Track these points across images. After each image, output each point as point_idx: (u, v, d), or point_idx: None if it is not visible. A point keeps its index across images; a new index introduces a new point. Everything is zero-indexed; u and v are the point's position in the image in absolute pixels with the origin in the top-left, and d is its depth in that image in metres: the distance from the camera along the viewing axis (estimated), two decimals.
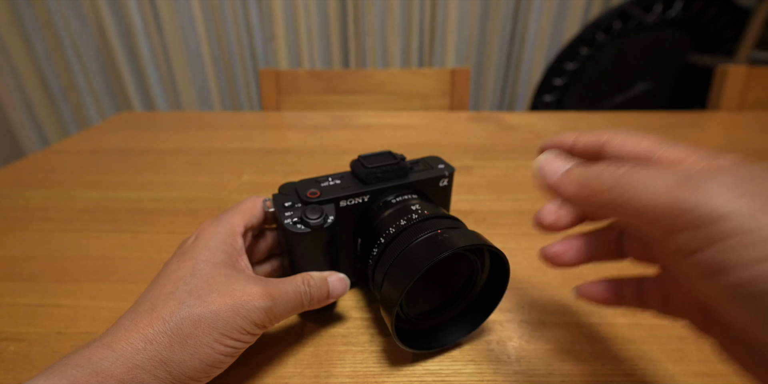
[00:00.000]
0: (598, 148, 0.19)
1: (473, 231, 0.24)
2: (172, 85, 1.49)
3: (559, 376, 0.24)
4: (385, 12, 1.39)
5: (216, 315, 0.21)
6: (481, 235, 0.24)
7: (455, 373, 0.25)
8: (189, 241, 0.25)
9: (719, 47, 1.33)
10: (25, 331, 0.28)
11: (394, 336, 0.23)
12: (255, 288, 0.22)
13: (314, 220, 0.25)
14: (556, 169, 0.18)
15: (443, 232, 0.23)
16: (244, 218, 0.27)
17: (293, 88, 0.86)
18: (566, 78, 1.36)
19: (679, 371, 0.25)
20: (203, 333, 0.20)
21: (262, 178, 0.51)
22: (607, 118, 0.74)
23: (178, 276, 0.22)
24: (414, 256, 0.23)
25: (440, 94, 0.87)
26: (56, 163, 0.55)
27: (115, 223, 0.41)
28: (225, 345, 0.21)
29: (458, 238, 0.23)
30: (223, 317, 0.21)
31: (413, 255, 0.23)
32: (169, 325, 0.20)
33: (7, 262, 0.35)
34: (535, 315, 0.29)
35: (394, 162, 0.28)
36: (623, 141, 0.19)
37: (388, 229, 0.25)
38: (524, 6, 1.40)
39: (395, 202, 0.27)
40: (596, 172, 0.16)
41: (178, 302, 0.21)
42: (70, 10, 1.36)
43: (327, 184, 0.27)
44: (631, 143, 0.18)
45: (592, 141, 0.19)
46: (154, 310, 0.20)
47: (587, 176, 0.17)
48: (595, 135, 0.19)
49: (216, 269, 0.23)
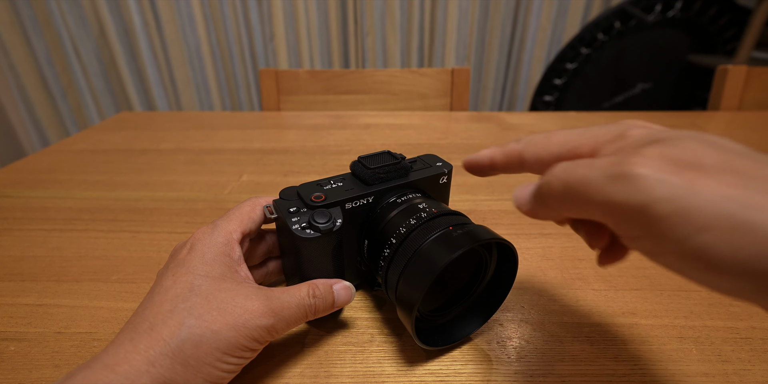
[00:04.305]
0: (518, 161, 0.20)
1: (482, 225, 0.24)
2: (172, 85, 1.49)
3: (559, 376, 0.24)
4: (385, 12, 1.39)
5: (217, 335, 0.20)
6: (490, 229, 0.24)
7: (455, 373, 0.25)
8: (183, 250, 0.24)
9: (719, 47, 1.33)
10: (25, 331, 0.28)
11: (413, 334, 0.23)
12: (257, 304, 0.22)
13: (323, 224, 0.24)
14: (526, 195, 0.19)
15: (455, 228, 0.24)
16: (242, 224, 0.26)
17: (293, 88, 0.86)
18: (566, 78, 1.36)
19: (679, 371, 0.25)
20: (205, 353, 0.20)
21: (262, 178, 0.51)
22: (607, 118, 0.73)
23: (175, 293, 0.22)
24: (430, 254, 0.23)
25: (440, 94, 0.87)
26: (56, 163, 0.55)
27: (115, 223, 0.41)
28: (227, 363, 0.21)
29: (472, 234, 0.23)
30: (225, 337, 0.20)
31: (429, 253, 0.23)
32: (170, 346, 0.19)
33: (7, 262, 0.35)
34: (535, 315, 0.29)
35: (395, 162, 0.28)
36: (534, 152, 0.20)
37: (399, 229, 0.25)
38: (524, 6, 1.40)
39: (401, 201, 0.27)
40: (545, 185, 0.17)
41: (178, 322, 0.20)
42: (70, 10, 1.36)
43: (330, 187, 0.27)
44: (542, 153, 0.19)
45: (508, 156, 0.20)
46: (153, 330, 0.20)
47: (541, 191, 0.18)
48: (508, 150, 0.20)
49: (215, 284, 0.22)
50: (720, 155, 0.14)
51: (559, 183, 0.17)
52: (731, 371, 0.24)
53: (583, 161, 0.16)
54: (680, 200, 0.13)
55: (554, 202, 0.17)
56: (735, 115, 0.75)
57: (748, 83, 0.80)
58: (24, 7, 1.34)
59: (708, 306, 0.29)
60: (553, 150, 0.19)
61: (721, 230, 0.12)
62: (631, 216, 0.14)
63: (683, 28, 1.31)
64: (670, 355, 0.26)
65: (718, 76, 0.80)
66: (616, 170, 0.14)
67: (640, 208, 0.14)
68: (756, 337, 0.27)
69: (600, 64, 1.35)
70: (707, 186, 0.13)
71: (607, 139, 0.17)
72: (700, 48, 1.34)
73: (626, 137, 0.17)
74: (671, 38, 1.33)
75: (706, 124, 0.71)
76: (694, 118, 0.73)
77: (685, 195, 0.13)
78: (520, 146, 0.20)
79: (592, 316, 0.29)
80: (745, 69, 0.78)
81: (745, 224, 0.12)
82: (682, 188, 0.13)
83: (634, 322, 0.28)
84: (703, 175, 0.13)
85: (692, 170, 0.13)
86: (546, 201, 0.18)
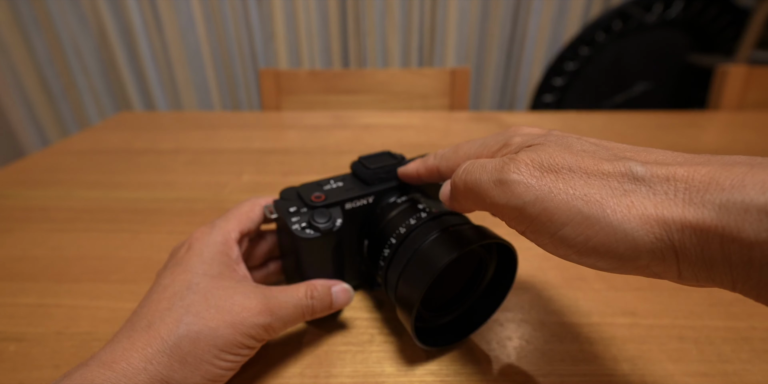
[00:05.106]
0: (437, 173, 0.24)
1: (482, 226, 0.24)
2: (172, 85, 1.49)
3: (558, 376, 0.24)
4: (385, 12, 1.39)
5: (215, 332, 0.20)
6: (490, 230, 0.24)
7: (455, 373, 0.25)
8: (182, 250, 0.24)
9: (719, 47, 1.33)
10: (25, 331, 0.28)
11: (413, 334, 0.23)
12: (254, 303, 0.22)
13: (323, 224, 0.24)
14: (446, 191, 0.22)
15: (454, 229, 0.24)
16: (240, 224, 0.26)
17: (293, 88, 0.86)
18: (566, 78, 1.36)
19: (678, 371, 0.25)
20: (202, 351, 0.20)
21: (262, 178, 0.51)
22: (607, 118, 0.73)
23: (173, 291, 0.22)
24: (430, 255, 0.23)
25: (440, 94, 0.87)
26: (56, 163, 0.55)
27: (115, 223, 0.41)
28: (225, 360, 0.21)
29: (471, 234, 0.23)
30: (222, 334, 0.20)
31: (429, 253, 0.23)
32: (168, 343, 0.19)
33: (7, 262, 0.35)
34: (535, 315, 0.29)
35: (395, 162, 0.28)
36: (447, 166, 0.23)
37: (398, 229, 0.25)
38: (524, 6, 1.40)
39: (401, 202, 0.27)
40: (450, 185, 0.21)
41: (175, 320, 0.20)
42: (70, 10, 1.36)
43: (330, 187, 0.27)
44: (453, 166, 0.23)
45: (429, 170, 0.25)
46: (151, 328, 0.20)
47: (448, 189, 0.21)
48: (428, 165, 0.25)
49: (213, 282, 0.22)
50: (572, 157, 0.16)
51: (462, 183, 0.19)
52: (731, 371, 0.24)
53: (479, 162, 0.19)
54: (544, 202, 0.16)
55: (462, 199, 0.20)
56: (735, 115, 0.75)
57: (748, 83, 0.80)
58: (24, 7, 1.34)
59: (708, 306, 0.29)
60: (460, 162, 0.22)
61: (574, 225, 0.15)
62: (513, 215, 0.17)
63: (683, 28, 1.31)
64: (670, 355, 0.26)
65: (718, 76, 0.80)
66: (498, 176, 0.17)
67: (517, 209, 0.17)
68: (756, 337, 0.27)
69: (600, 64, 1.34)
70: (560, 188, 0.16)
71: (497, 149, 0.21)
72: (700, 48, 1.34)
73: (509, 145, 0.20)
74: (671, 38, 1.33)
75: (706, 124, 0.71)
76: (694, 118, 0.73)
77: (546, 197, 0.16)
78: (437, 161, 0.24)
79: (592, 316, 0.29)
80: (745, 69, 0.78)
81: (589, 218, 0.15)
82: (543, 191, 0.16)
83: (634, 322, 0.28)
84: (558, 177, 0.16)
85: (551, 173, 0.16)
86: (457, 198, 0.21)
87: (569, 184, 0.16)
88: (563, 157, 0.17)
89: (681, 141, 0.62)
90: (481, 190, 0.18)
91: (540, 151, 0.17)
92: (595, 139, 0.18)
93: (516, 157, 0.17)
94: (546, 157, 0.17)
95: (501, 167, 0.17)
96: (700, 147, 0.59)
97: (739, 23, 1.26)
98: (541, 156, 0.17)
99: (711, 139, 0.63)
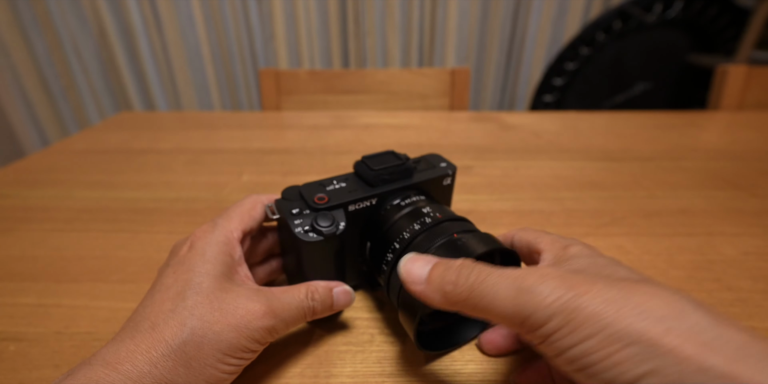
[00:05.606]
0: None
1: (487, 233, 0.24)
2: (172, 85, 1.49)
3: None
4: (385, 12, 1.39)
5: (219, 336, 0.20)
6: (495, 238, 0.24)
7: (455, 373, 0.25)
8: (183, 248, 0.24)
9: (719, 47, 1.33)
10: (25, 331, 0.28)
11: (415, 340, 0.23)
12: (257, 305, 0.22)
13: (326, 227, 0.24)
14: (419, 274, 0.20)
15: (459, 236, 0.23)
16: (242, 223, 0.25)
17: (293, 88, 0.86)
18: (566, 78, 1.36)
19: None
20: (207, 355, 0.20)
21: (262, 178, 0.51)
22: (607, 118, 0.74)
23: (176, 291, 0.21)
24: None
25: (440, 94, 0.87)
26: (56, 163, 0.55)
27: (115, 223, 0.41)
28: (228, 364, 0.21)
29: (476, 243, 0.23)
30: (226, 338, 0.20)
31: None
32: (172, 347, 0.19)
33: (7, 262, 0.35)
34: None
35: (399, 163, 0.27)
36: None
37: (402, 233, 0.25)
38: (524, 6, 1.40)
39: (404, 204, 0.27)
40: (452, 279, 0.19)
41: (180, 322, 0.20)
42: (70, 10, 1.36)
43: (333, 188, 0.27)
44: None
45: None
46: (155, 329, 0.20)
47: (445, 283, 0.19)
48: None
49: (216, 283, 0.22)
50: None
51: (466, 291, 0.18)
52: None
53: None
54: (570, 319, 0.16)
55: (466, 301, 0.18)
56: (735, 115, 0.75)
57: (748, 83, 0.80)
58: (24, 7, 1.34)
59: None
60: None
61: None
62: (533, 326, 0.17)
63: (683, 28, 1.31)
64: None
65: (718, 76, 0.80)
66: (528, 284, 0.17)
67: (541, 322, 0.17)
68: None
69: (600, 64, 1.34)
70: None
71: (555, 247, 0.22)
72: (700, 48, 1.34)
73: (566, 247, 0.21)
74: (671, 38, 1.33)
75: (706, 124, 0.71)
76: (694, 118, 0.73)
77: (572, 318, 0.16)
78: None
79: None
80: (745, 69, 0.78)
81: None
82: (572, 312, 0.16)
83: None
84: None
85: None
86: (458, 297, 0.19)
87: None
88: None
89: (681, 141, 0.62)
90: (496, 297, 0.18)
91: (575, 261, 0.20)
92: None
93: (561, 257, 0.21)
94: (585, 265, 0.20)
95: (528, 276, 0.18)
96: (700, 147, 0.59)
97: (739, 23, 1.26)
98: (578, 267, 0.20)
99: (711, 139, 0.63)
